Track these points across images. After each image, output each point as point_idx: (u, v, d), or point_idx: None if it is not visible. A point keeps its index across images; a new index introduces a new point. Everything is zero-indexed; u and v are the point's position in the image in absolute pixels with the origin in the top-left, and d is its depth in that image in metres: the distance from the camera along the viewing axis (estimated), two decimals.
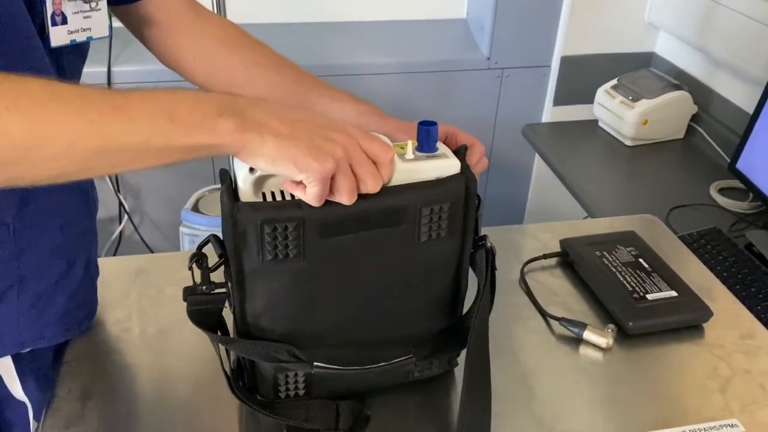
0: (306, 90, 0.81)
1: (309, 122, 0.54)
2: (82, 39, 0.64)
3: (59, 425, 0.65)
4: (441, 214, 0.59)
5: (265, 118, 0.52)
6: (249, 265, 0.57)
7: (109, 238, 1.89)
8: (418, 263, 0.61)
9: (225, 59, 0.80)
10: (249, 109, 0.52)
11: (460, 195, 0.60)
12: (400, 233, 0.59)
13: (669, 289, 0.84)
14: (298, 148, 0.51)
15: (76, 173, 0.51)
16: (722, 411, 0.70)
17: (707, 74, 1.70)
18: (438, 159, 0.59)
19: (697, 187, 1.51)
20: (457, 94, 1.90)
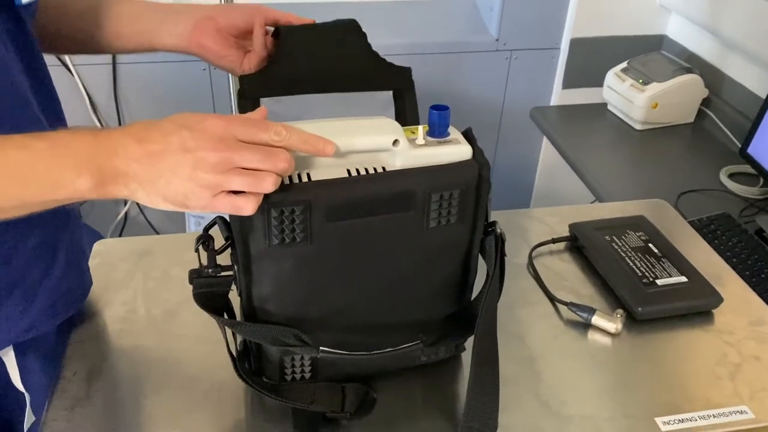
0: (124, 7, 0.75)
1: (170, 150, 0.49)
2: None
3: (65, 406, 0.65)
4: (451, 200, 0.58)
5: (125, 165, 0.50)
6: (255, 248, 0.56)
7: (114, 219, 1.89)
8: (426, 249, 0.60)
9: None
10: (108, 160, 0.50)
11: (472, 181, 0.59)
12: (409, 219, 0.58)
13: (679, 274, 0.83)
14: (168, 191, 0.50)
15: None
16: (731, 398, 0.70)
17: (719, 57, 1.68)
18: (449, 145, 0.58)
19: (707, 172, 1.49)
20: (465, 76, 1.88)
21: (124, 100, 1.73)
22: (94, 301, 0.78)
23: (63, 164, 0.50)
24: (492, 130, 1.99)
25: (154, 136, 0.50)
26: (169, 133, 0.50)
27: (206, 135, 0.50)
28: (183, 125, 0.50)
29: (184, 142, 0.50)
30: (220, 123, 0.50)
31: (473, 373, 0.61)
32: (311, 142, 0.53)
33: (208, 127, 0.50)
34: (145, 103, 1.74)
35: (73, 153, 0.50)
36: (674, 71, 1.64)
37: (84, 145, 0.50)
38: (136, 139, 0.50)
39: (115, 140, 0.50)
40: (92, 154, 0.50)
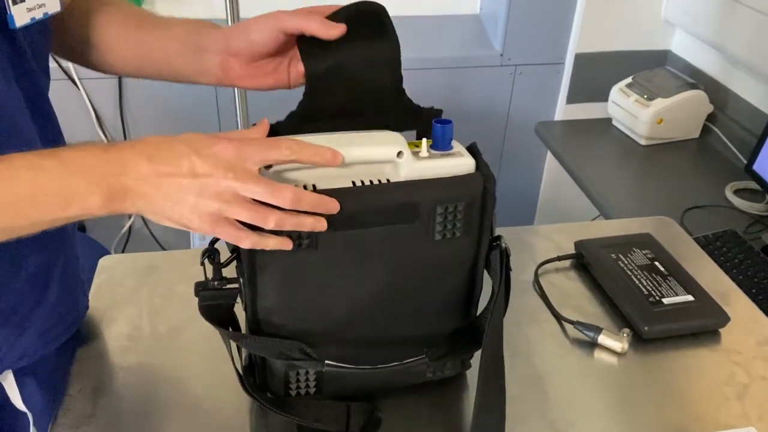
0: (140, 32, 0.72)
1: (179, 173, 0.50)
2: (39, 16, 0.60)
3: (70, 424, 0.65)
4: (456, 213, 0.58)
5: (135, 184, 0.50)
6: (261, 260, 0.56)
7: (119, 232, 1.89)
8: (431, 262, 0.60)
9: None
10: (118, 178, 0.50)
11: (477, 194, 0.59)
12: (414, 230, 0.58)
13: (685, 293, 0.83)
14: (173, 213, 0.51)
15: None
16: (739, 418, 0.69)
17: (724, 73, 1.68)
18: (453, 157, 0.59)
19: (713, 188, 1.49)
20: (469, 91, 1.88)
21: (129, 114, 1.74)
22: (99, 318, 0.78)
23: (74, 183, 0.50)
24: (496, 144, 1.99)
25: (165, 157, 0.50)
26: (180, 155, 0.50)
27: (216, 161, 0.50)
28: (194, 149, 0.50)
29: (193, 167, 0.50)
30: (230, 148, 0.50)
31: (479, 392, 0.61)
32: (321, 153, 0.53)
33: (219, 152, 0.50)
34: (151, 117, 1.75)
35: (83, 171, 0.50)
36: (679, 87, 1.64)
37: (94, 162, 0.51)
38: (147, 158, 0.51)
39: (126, 158, 0.51)
40: (103, 173, 0.50)
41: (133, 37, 0.71)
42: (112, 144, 0.52)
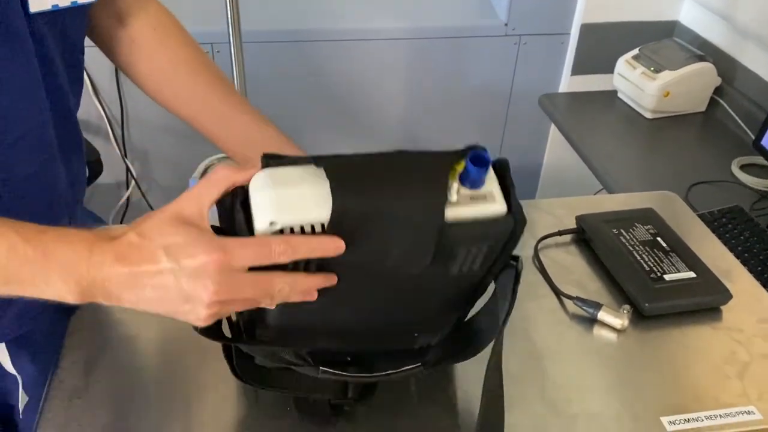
0: (230, 107, 0.80)
1: (169, 290, 0.47)
2: (66, 4, 0.61)
3: (63, 397, 0.65)
4: (479, 252, 0.54)
5: (116, 288, 0.48)
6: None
7: (116, 203, 1.88)
8: (439, 287, 0.57)
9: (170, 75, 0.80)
10: (99, 281, 0.48)
11: (504, 237, 0.54)
12: (431, 266, 0.53)
13: (687, 269, 0.81)
14: (162, 311, 0.49)
15: None
16: (739, 397, 0.68)
17: (733, 45, 1.64)
18: (485, 202, 0.52)
19: (719, 163, 1.47)
20: (472, 62, 1.85)
21: (125, 83, 1.72)
22: None
23: (50, 275, 0.48)
24: (499, 116, 1.96)
25: (147, 269, 0.47)
26: (164, 270, 0.47)
27: (205, 275, 0.46)
28: (176, 259, 0.46)
29: (179, 284, 0.47)
30: (218, 259, 0.46)
31: (482, 414, 0.59)
32: (321, 247, 0.48)
33: (208, 265, 0.46)
34: None
35: (62, 269, 0.48)
36: (687, 59, 1.61)
37: (75, 263, 0.48)
38: (128, 263, 0.47)
39: (106, 262, 0.47)
40: (82, 274, 0.48)
41: (223, 111, 0.80)
42: (99, 240, 0.48)
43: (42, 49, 0.62)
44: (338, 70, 1.79)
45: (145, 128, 1.80)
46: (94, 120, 1.75)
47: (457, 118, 1.94)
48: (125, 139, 1.80)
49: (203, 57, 0.81)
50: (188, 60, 0.79)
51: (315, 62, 1.76)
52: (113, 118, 1.77)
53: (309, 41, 1.73)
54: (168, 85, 0.79)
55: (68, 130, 0.70)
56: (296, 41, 1.72)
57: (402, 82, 1.85)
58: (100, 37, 0.78)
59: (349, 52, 1.77)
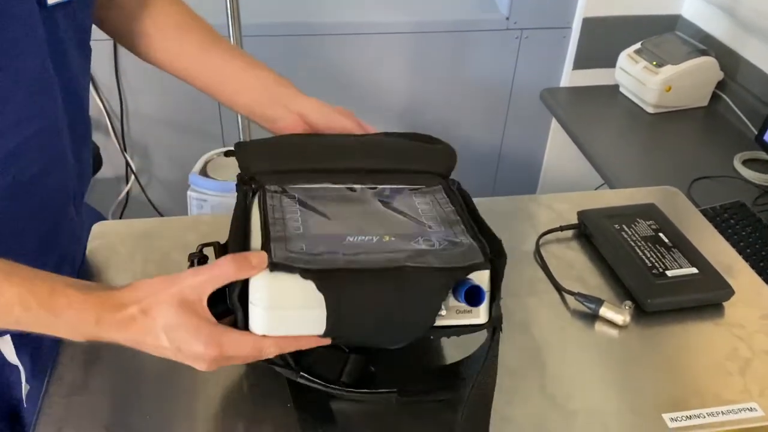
0: (219, 52, 0.79)
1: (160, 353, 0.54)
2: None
3: (62, 393, 0.64)
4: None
5: (122, 340, 0.54)
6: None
7: (116, 198, 1.88)
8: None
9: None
10: (103, 338, 0.54)
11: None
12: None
13: (689, 265, 0.81)
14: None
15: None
16: (741, 394, 0.68)
17: (735, 39, 1.64)
18: (469, 316, 0.56)
19: (721, 158, 1.46)
20: (473, 56, 1.84)
21: (125, 79, 1.71)
22: None
23: (57, 330, 0.54)
24: (500, 111, 1.96)
25: (150, 343, 0.53)
26: (163, 349, 0.53)
27: (200, 360, 0.53)
28: (177, 346, 0.52)
29: (175, 356, 0.53)
30: (214, 353, 0.52)
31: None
32: (308, 345, 0.54)
33: (202, 355, 0.52)
34: (147, 81, 1.72)
35: (69, 327, 0.54)
36: (689, 53, 1.60)
37: (84, 325, 0.53)
38: (132, 341, 0.53)
39: (113, 333, 0.53)
40: (88, 333, 0.54)
41: (205, 56, 0.78)
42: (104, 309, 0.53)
43: (56, 41, 0.62)
44: (339, 64, 1.78)
45: (145, 122, 1.80)
46: (94, 114, 1.74)
47: (458, 113, 1.93)
48: (125, 133, 1.79)
49: (188, 11, 0.80)
50: (171, 14, 0.78)
51: (315, 56, 1.75)
52: (112, 112, 1.76)
53: (309, 35, 1.72)
54: (156, 42, 0.78)
55: (79, 122, 0.70)
56: (297, 35, 1.71)
57: (403, 76, 1.84)
58: None
59: (350, 45, 1.76)
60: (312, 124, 0.75)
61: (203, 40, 0.79)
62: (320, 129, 0.75)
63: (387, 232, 0.57)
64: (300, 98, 0.76)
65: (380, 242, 0.56)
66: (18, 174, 0.62)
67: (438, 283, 0.53)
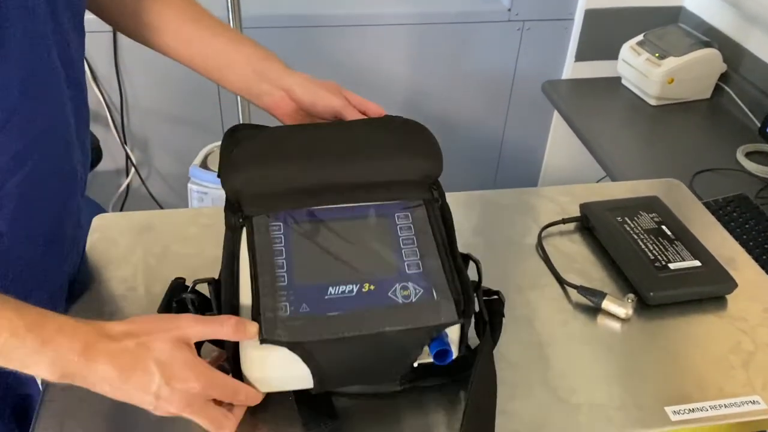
0: (202, 28, 0.77)
1: (146, 392, 0.52)
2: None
3: (63, 385, 0.63)
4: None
5: (98, 384, 0.52)
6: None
7: (116, 191, 1.87)
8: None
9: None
10: (83, 375, 0.52)
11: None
12: None
13: (692, 258, 0.80)
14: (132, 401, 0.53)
15: None
16: (744, 387, 0.68)
17: (739, 31, 1.63)
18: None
19: (724, 150, 1.46)
20: (474, 48, 1.83)
21: (125, 70, 1.70)
22: (92, 278, 0.77)
23: (38, 362, 0.51)
24: (502, 103, 1.95)
25: (136, 378, 0.52)
26: (150, 380, 0.52)
27: (182, 396, 0.53)
28: (166, 378, 0.52)
29: (159, 391, 0.52)
30: (197, 386, 0.53)
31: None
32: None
33: (189, 389, 0.53)
34: (147, 73, 1.71)
35: (53, 358, 0.51)
36: (692, 45, 1.59)
37: (68, 356, 0.51)
38: (118, 368, 0.52)
39: (98, 362, 0.52)
40: (70, 368, 0.52)
41: (190, 31, 0.76)
42: (96, 337, 0.52)
43: (59, 30, 0.62)
44: (340, 56, 1.77)
45: (145, 115, 1.79)
46: (93, 107, 1.74)
47: (459, 105, 1.92)
48: (125, 125, 1.79)
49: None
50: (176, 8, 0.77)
51: (316, 48, 1.74)
52: (112, 105, 1.75)
53: (310, 27, 1.71)
54: (138, 17, 0.76)
55: (82, 108, 0.70)
56: (297, 27, 1.70)
57: (404, 67, 1.83)
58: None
59: (351, 37, 1.75)
60: (298, 100, 0.74)
61: (186, 15, 0.77)
62: (306, 105, 0.74)
63: (367, 278, 0.59)
64: (286, 74, 0.75)
65: (360, 295, 0.58)
66: (34, 165, 0.62)
67: (414, 341, 0.58)
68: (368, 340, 0.57)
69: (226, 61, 0.76)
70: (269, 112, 0.77)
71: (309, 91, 0.73)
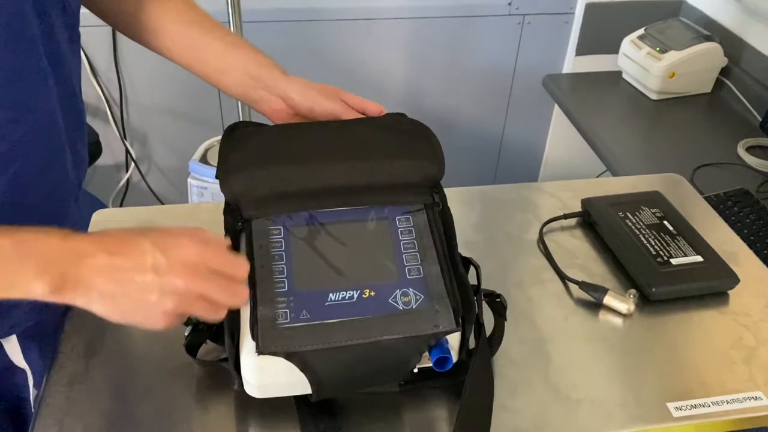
0: (200, 31, 0.76)
1: (142, 271, 0.49)
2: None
3: (63, 382, 0.64)
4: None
5: (89, 276, 0.48)
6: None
7: (116, 186, 1.87)
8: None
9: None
10: (72, 267, 0.48)
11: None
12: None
13: (694, 253, 0.80)
14: (129, 309, 0.50)
15: None
16: (746, 383, 0.68)
17: (740, 24, 1.62)
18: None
19: (725, 144, 1.45)
20: (475, 42, 1.82)
21: (125, 66, 1.69)
22: None
23: (23, 265, 0.48)
24: (502, 97, 1.94)
25: (127, 252, 0.49)
26: (142, 251, 0.49)
27: (179, 261, 0.50)
28: (159, 247, 0.50)
29: (156, 263, 0.49)
30: (194, 251, 0.51)
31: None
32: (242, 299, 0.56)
33: (183, 254, 0.50)
34: (147, 68, 1.70)
35: (36, 255, 0.48)
36: (693, 39, 1.58)
37: (51, 247, 0.48)
38: (107, 251, 0.49)
39: (85, 249, 0.49)
40: (57, 259, 0.48)
41: (193, 34, 0.75)
42: (74, 233, 0.50)
43: (48, 30, 0.60)
44: (339, 50, 1.77)
45: (145, 110, 1.78)
46: (93, 101, 1.73)
47: (460, 99, 1.92)
48: (124, 120, 1.78)
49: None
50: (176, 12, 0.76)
51: (315, 42, 1.74)
52: (112, 100, 1.75)
53: (310, 20, 1.71)
54: (136, 19, 0.76)
55: (73, 111, 0.68)
56: (297, 21, 1.69)
57: (404, 62, 1.82)
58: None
59: (351, 31, 1.74)
60: (295, 107, 0.73)
61: (185, 17, 0.76)
62: (303, 111, 0.73)
63: (368, 284, 0.59)
64: (282, 80, 0.74)
65: (360, 301, 0.58)
66: (19, 169, 0.60)
67: (412, 349, 0.57)
68: (366, 348, 0.56)
69: (223, 65, 0.75)
70: (267, 117, 0.77)
71: (306, 98, 0.73)
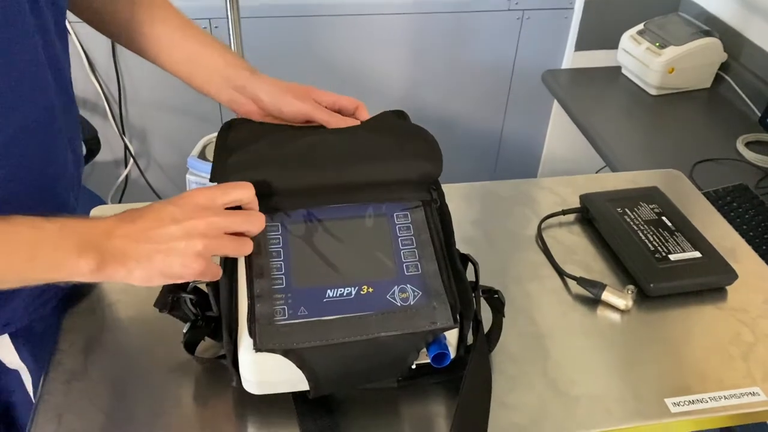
0: (172, 29, 0.76)
1: (163, 225, 0.54)
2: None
3: (61, 379, 0.64)
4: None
5: (122, 246, 0.53)
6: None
7: (115, 182, 1.87)
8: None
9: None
10: (107, 241, 0.53)
11: None
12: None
13: (692, 249, 0.80)
14: (164, 263, 0.53)
15: None
16: (744, 378, 0.68)
17: (739, 20, 1.61)
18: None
19: (724, 140, 1.45)
20: (474, 37, 1.82)
21: (123, 62, 1.69)
22: None
23: (68, 245, 0.53)
24: (502, 93, 1.94)
25: (144, 215, 0.55)
26: (157, 210, 0.55)
27: (191, 205, 0.55)
28: (168, 202, 0.55)
29: (173, 214, 0.54)
30: (201, 194, 0.56)
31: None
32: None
33: (193, 199, 0.55)
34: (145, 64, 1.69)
35: (77, 235, 0.53)
36: (692, 34, 1.58)
37: (86, 228, 0.54)
38: (128, 221, 0.55)
39: (110, 225, 0.54)
40: (92, 237, 0.53)
41: (164, 33, 0.76)
42: (96, 217, 0.56)
43: (43, 24, 0.61)
44: (338, 46, 1.76)
45: (143, 105, 1.78)
46: (92, 97, 1.73)
47: (459, 95, 1.91)
48: (123, 116, 1.78)
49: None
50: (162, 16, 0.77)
51: (315, 37, 1.73)
52: (110, 96, 1.74)
53: (308, 16, 1.70)
54: (112, 18, 0.76)
55: (68, 106, 0.69)
56: (295, 16, 1.69)
57: (403, 57, 1.82)
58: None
59: (350, 27, 1.74)
60: (264, 107, 0.73)
61: (156, 16, 0.76)
62: (273, 112, 0.73)
63: (366, 280, 0.59)
64: (251, 80, 0.73)
65: (358, 297, 0.58)
66: (16, 164, 0.61)
67: (410, 345, 0.58)
68: (364, 345, 0.56)
69: (193, 66, 0.75)
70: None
71: (274, 98, 0.72)
